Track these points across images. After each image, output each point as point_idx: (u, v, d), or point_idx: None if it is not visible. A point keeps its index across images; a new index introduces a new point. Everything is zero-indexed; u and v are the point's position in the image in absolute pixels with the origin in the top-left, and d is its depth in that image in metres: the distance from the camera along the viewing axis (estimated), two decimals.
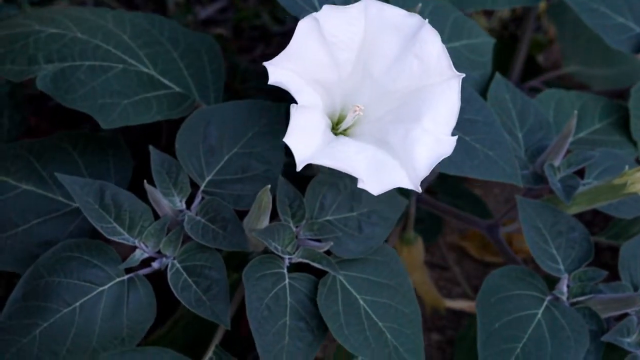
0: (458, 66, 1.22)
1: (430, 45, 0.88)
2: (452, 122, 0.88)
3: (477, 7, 1.33)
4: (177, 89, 1.11)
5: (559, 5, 1.52)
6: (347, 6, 0.87)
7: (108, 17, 1.13)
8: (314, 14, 0.85)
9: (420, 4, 1.04)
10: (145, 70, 1.10)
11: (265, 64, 0.84)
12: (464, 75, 0.87)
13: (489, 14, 1.80)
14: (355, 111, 0.88)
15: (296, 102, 0.84)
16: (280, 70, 0.84)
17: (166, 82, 1.11)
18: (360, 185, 0.82)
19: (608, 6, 1.27)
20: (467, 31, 1.25)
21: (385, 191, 0.84)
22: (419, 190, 0.84)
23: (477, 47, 1.26)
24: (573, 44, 1.54)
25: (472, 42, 1.26)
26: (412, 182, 0.84)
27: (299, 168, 0.81)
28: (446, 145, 0.86)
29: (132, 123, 1.04)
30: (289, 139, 0.82)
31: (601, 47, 1.31)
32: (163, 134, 1.36)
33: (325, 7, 0.86)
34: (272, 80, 0.83)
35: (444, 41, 0.91)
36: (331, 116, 0.90)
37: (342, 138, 0.88)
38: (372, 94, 0.90)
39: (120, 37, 1.11)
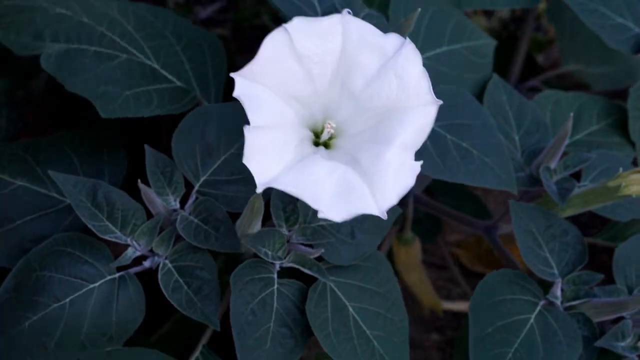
0: (459, 68, 1.23)
1: (412, 65, 0.85)
2: (418, 147, 0.85)
3: (476, 6, 1.32)
4: (179, 83, 1.11)
5: (558, 5, 1.51)
6: (321, 18, 0.85)
7: (113, 6, 1.12)
8: (286, 25, 0.83)
9: (419, 9, 1.03)
10: (148, 62, 1.10)
11: (233, 75, 0.81)
12: (441, 102, 0.84)
13: (488, 14, 1.80)
14: (328, 128, 0.86)
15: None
16: (248, 83, 0.81)
17: (168, 75, 1.11)
18: (320, 215, 0.79)
19: (607, 6, 1.26)
20: (468, 33, 1.25)
21: (348, 218, 0.81)
22: (385, 217, 0.81)
23: (478, 49, 1.26)
24: (572, 43, 1.53)
25: (473, 44, 1.25)
26: (379, 210, 0.80)
27: (258, 190, 0.79)
28: (412, 173, 0.82)
29: (132, 115, 1.04)
30: (249, 163, 0.79)
31: (600, 45, 1.30)
32: (163, 132, 1.36)
33: (296, 19, 0.83)
34: (236, 93, 0.80)
35: (444, 43, 0.90)
36: (313, 128, 0.88)
37: (319, 153, 0.85)
38: (351, 110, 0.87)
39: (124, 27, 1.10)
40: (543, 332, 1.00)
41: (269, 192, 0.94)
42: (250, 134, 0.79)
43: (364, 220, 1.00)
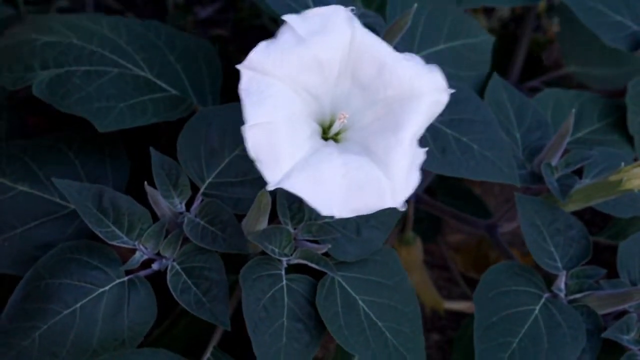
0: (457, 65, 1.23)
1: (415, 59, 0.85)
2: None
3: (475, 3, 1.33)
4: (174, 92, 1.12)
5: (559, 5, 1.52)
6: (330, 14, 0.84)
7: (103, 23, 1.14)
8: (291, 16, 0.82)
9: (415, 5, 1.04)
10: (142, 73, 1.11)
11: (239, 66, 0.79)
12: (453, 90, 0.84)
13: (488, 13, 1.80)
14: (340, 119, 0.85)
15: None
16: (255, 76, 0.79)
17: (163, 85, 1.12)
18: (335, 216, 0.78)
19: (605, 4, 1.27)
20: (466, 30, 1.25)
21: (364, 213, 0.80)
22: (403, 208, 0.80)
23: (477, 45, 1.26)
24: (573, 44, 1.54)
25: (471, 40, 1.26)
26: (396, 202, 0.80)
27: (269, 189, 0.77)
28: (419, 163, 0.82)
29: (128, 126, 1.05)
30: (258, 162, 0.77)
31: (601, 47, 1.31)
32: (162, 135, 1.37)
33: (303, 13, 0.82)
34: (242, 86, 0.78)
35: (442, 40, 0.90)
36: (321, 122, 0.87)
37: (330, 146, 0.84)
38: (360, 101, 0.87)
39: (115, 42, 1.12)
40: (547, 324, 1.01)
41: (274, 189, 0.94)
42: (251, 131, 0.77)
43: (369, 217, 1.00)
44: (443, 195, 1.47)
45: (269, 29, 1.63)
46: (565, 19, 1.53)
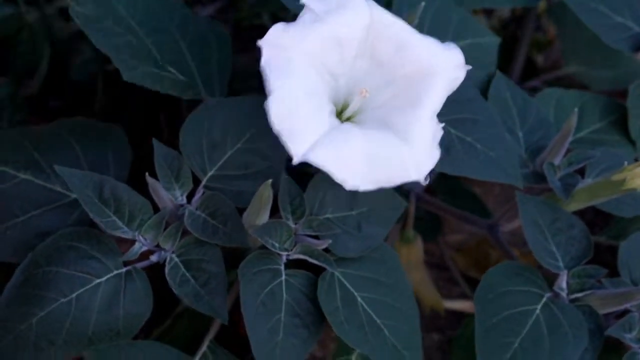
0: None
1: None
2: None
3: (476, 5, 1.33)
4: (181, 78, 1.11)
5: (560, 5, 1.52)
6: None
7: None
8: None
9: (423, 3, 1.04)
10: (153, 54, 1.10)
11: (260, 42, 0.79)
12: (470, 67, 0.85)
13: (489, 13, 1.80)
14: (362, 94, 0.85)
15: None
16: (276, 51, 0.79)
17: (172, 70, 1.11)
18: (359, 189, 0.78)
19: (607, 6, 1.28)
20: (472, 30, 1.26)
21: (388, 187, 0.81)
22: (425, 182, 0.81)
23: (482, 46, 1.27)
24: (574, 44, 1.54)
25: (477, 41, 1.26)
26: (418, 175, 0.80)
27: (295, 162, 0.78)
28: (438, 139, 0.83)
29: (150, 87, 1.04)
30: (282, 129, 0.77)
31: (602, 47, 1.31)
32: (164, 127, 1.36)
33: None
34: (265, 61, 0.78)
35: (448, 40, 0.91)
36: (335, 103, 0.87)
37: (348, 125, 0.85)
38: (379, 79, 0.87)
39: (128, 22, 1.10)
40: (549, 323, 1.00)
41: (276, 184, 0.94)
42: (275, 103, 0.77)
43: (370, 213, 1.01)
44: (443, 195, 1.47)
45: (268, 28, 1.63)
46: (566, 19, 1.53)
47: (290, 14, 1.03)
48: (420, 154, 0.81)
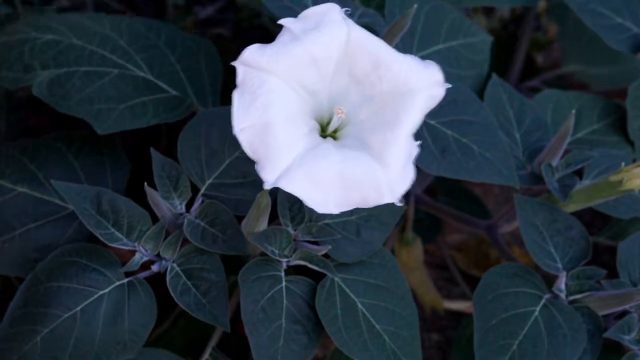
0: (456, 65, 1.23)
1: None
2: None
3: (476, 3, 1.32)
4: (174, 92, 1.12)
5: (560, 5, 1.52)
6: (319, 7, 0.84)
7: (105, 23, 1.14)
8: (289, 19, 0.82)
9: (416, 5, 1.04)
10: (142, 74, 1.11)
11: (235, 63, 0.79)
12: (449, 85, 0.84)
13: (488, 13, 1.80)
14: (338, 114, 0.85)
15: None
16: (250, 71, 0.79)
17: (163, 85, 1.11)
18: (321, 211, 0.78)
19: (607, 6, 1.27)
20: (464, 30, 1.25)
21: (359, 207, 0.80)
22: (401, 204, 0.81)
23: (475, 45, 1.26)
24: (573, 44, 1.54)
25: (470, 40, 1.26)
26: (393, 197, 0.79)
27: (266, 187, 0.78)
28: (413, 158, 0.82)
29: (128, 128, 1.05)
30: (257, 161, 0.77)
31: (602, 46, 1.31)
32: (163, 136, 1.36)
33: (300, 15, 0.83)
34: (239, 81, 0.78)
35: (441, 40, 0.90)
36: (320, 119, 0.87)
37: (327, 143, 0.84)
38: (358, 97, 0.87)
39: (116, 41, 1.11)
40: (548, 325, 1.01)
41: (274, 191, 0.94)
42: (244, 132, 0.78)
43: (369, 218, 1.01)
44: (443, 196, 1.47)
45: (269, 29, 1.63)
46: (566, 18, 1.53)
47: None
48: (395, 175, 0.80)
